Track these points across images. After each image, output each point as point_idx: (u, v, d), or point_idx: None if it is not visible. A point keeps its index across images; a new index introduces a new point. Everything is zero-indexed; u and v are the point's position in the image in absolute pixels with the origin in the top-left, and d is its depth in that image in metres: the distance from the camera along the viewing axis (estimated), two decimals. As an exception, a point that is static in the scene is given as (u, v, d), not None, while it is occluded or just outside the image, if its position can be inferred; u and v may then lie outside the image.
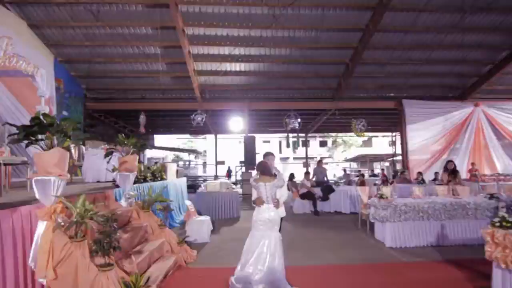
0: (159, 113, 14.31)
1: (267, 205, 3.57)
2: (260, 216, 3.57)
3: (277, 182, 3.58)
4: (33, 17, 8.59)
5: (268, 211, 3.53)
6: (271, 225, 3.53)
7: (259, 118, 15.01)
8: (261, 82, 11.60)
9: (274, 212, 3.55)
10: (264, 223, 3.56)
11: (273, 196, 3.58)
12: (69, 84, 10.82)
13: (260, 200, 3.59)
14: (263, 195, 3.59)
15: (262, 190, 3.57)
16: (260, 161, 3.87)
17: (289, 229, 6.76)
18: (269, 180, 3.55)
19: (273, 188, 3.57)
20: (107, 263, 2.82)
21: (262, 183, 3.55)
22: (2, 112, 7.24)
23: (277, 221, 3.58)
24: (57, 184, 2.82)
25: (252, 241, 3.54)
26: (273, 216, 3.53)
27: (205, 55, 10.23)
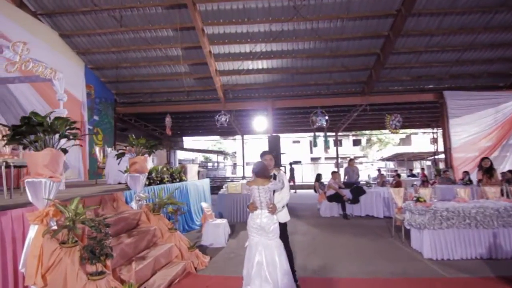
0: (185, 115, 14.51)
1: (260, 211, 3.16)
2: (252, 223, 3.17)
3: (272, 185, 3.15)
4: (63, 27, 9.04)
5: (260, 217, 3.12)
6: (264, 232, 3.11)
7: (285, 117, 14.57)
8: (284, 79, 11.15)
9: (267, 218, 3.11)
10: (256, 230, 3.16)
11: (269, 201, 3.16)
12: (100, 90, 11.29)
13: (252, 206, 3.21)
14: (256, 200, 3.18)
15: (255, 194, 3.17)
16: (256, 162, 3.47)
17: (313, 234, 6.25)
18: (262, 182, 3.13)
19: (267, 191, 3.13)
20: (98, 271, 2.62)
21: (255, 186, 3.15)
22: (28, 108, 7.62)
23: (273, 228, 3.14)
24: (49, 186, 2.69)
25: (250, 250, 3.17)
26: (265, 223, 3.09)
27: (226, 54, 10.05)
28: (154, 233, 4.05)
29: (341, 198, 7.92)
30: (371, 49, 9.56)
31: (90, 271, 2.60)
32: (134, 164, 4.43)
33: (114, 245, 3.23)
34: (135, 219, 4.07)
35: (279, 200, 3.34)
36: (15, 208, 2.66)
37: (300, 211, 9.38)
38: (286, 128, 17.20)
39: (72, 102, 9.65)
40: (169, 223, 4.46)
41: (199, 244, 5.51)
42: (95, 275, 2.57)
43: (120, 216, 3.75)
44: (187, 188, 7.17)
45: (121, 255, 3.24)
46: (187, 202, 7.00)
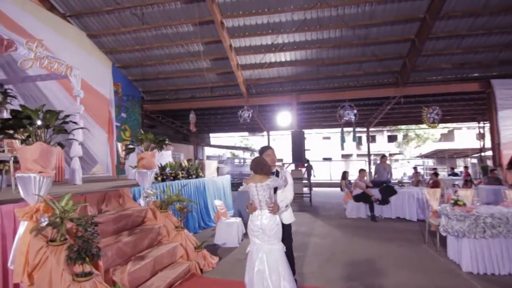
0: (211, 111, 14.53)
1: (259, 211, 2.82)
2: (252, 225, 2.84)
3: (271, 182, 2.79)
4: (90, 27, 9.37)
5: (260, 218, 2.78)
6: (266, 236, 2.76)
7: (311, 111, 13.95)
8: (309, 71, 10.58)
9: (268, 219, 2.77)
10: (256, 233, 2.81)
11: (269, 200, 2.80)
12: (127, 88, 11.63)
13: (252, 206, 2.88)
14: (255, 199, 2.84)
15: (253, 193, 2.83)
16: (255, 157, 3.12)
17: (334, 236, 5.76)
18: (260, 179, 2.78)
19: (266, 189, 2.77)
20: (85, 272, 2.48)
21: (253, 184, 2.80)
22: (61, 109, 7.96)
23: (275, 230, 2.79)
24: (39, 182, 2.60)
25: (251, 257, 2.85)
26: (266, 224, 2.75)
27: (247, 47, 9.76)
28: (158, 232, 3.90)
29: (369, 198, 7.29)
30: (404, 34, 8.66)
31: (77, 272, 2.47)
32: (142, 160, 4.32)
33: (111, 243, 3.12)
34: (140, 216, 3.95)
35: (282, 199, 3.00)
36: (6, 203, 2.60)
37: (324, 210, 8.86)
38: (312, 124, 16.54)
39: (100, 100, 10.05)
40: (177, 221, 4.30)
41: (212, 243, 5.34)
42: (80, 276, 2.43)
43: (122, 213, 3.64)
44: (205, 184, 7.03)
45: (118, 254, 3.10)
46: (204, 199, 6.87)
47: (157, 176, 5.33)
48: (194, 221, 6.26)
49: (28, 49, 4.27)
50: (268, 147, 3.25)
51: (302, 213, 8.48)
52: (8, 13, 6.83)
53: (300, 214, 8.20)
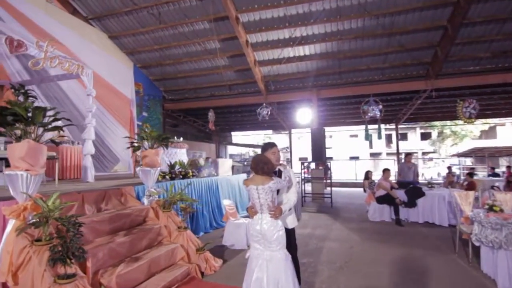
0: (231, 109, 14.44)
1: (260, 215, 2.57)
2: (252, 230, 2.59)
3: (274, 184, 2.51)
4: (111, 29, 9.62)
5: (260, 222, 2.53)
6: (267, 242, 2.50)
7: (332, 108, 13.33)
8: (330, 65, 10.06)
9: (269, 224, 2.50)
10: (257, 239, 2.56)
11: (271, 203, 2.53)
12: (148, 88, 11.87)
13: (251, 210, 2.63)
14: (255, 202, 2.58)
15: (253, 195, 2.57)
16: (255, 155, 2.84)
17: (352, 241, 5.33)
18: (262, 181, 2.52)
19: (268, 192, 2.51)
20: (67, 273, 2.38)
21: (253, 186, 2.55)
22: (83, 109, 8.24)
23: (276, 236, 2.50)
24: (26, 180, 2.55)
25: (251, 263, 2.59)
26: (266, 230, 2.50)
27: (264, 43, 9.47)
28: (159, 232, 3.78)
29: (393, 200, 6.71)
30: (435, 21, 7.88)
31: (60, 273, 2.38)
32: (145, 158, 4.23)
33: (104, 244, 3.02)
34: (141, 215, 3.86)
35: (285, 201, 2.73)
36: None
37: (345, 212, 8.36)
38: (334, 121, 15.84)
39: (121, 100, 10.33)
40: (180, 221, 4.16)
41: (220, 244, 5.16)
42: (62, 278, 2.33)
43: (120, 212, 3.56)
44: (218, 183, 6.89)
45: (111, 255, 3.00)
46: (216, 198, 6.73)
47: (165, 175, 5.25)
48: (205, 220, 6.14)
49: (39, 49, 4.34)
50: (272, 144, 2.94)
51: (320, 214, 8.06)
52: (32, 18, 7.14)
53: (318, 216, 7.79)
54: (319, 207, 9.26)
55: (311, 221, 7.08)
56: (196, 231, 5.72)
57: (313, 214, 8.06)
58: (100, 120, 9.28)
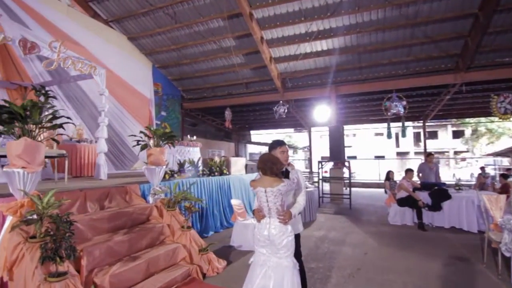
0: (249, 108, 14.35)
1: (268, 219, 2.40)
2: (259, 235, 2.41)
3: (284, 187, 2.33)
4: (130, 31, 9.86)
5: (268, 227, 2.36)
6: (274, 248, 2.33)
7: (353, 104, 12.79)
8: (349, 60, 9.61)
9: (278, 229, 2.33)
10: (263, 244, 2.39)
11: (280, 207, 2.36)
12: (167, 87, 12.08)
13: (259, 214, 2.46)
14: (263, 206, 2.41)
15: (261, 199, 2.41)
16: (262, 154, 2.64)
17: (368, 246, 5.00)
18: (271, 183, 2.34)
19: (278, 195, 2.34)
20: (58, 272, 2.37)
21: (261, 188, 2.37)
22: None
23: (286, 242, 2.33)
24: (23, 177, 2.58)
25: (254, 270, 2.43)
26: (275, 235, 2.32)
27: (279, 39, 9.24)
28: (161, 231, 3.73)
29: (416, 202, 6.24)
30: (464, 8, 7.23)
31: (52, 271, 2.37)
32: (150, 156, 4.22)
33: (101, 242, 3.01)
34: (144, 214, 3.84)
35: (290, 204, 2.55)
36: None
37: (364, 214, 7.95)
38: (354, 118, 15.23)
39: (140, 99, 10.58)
40: (184, 220, 4.10)
41: (227, 244, 5.07)
42: (52, 276, 2.32)
43: (121, 211, 3.56)
44: (229, 182, 6.80)
45: (109, 253, 2.98)
46: (228, 197, 6.64)
47: (174, 173, 5.23)
48: (216, 220, 6.07)
49: (52, 50, 4.47)
50: (281, 142, 2.74)
51: (337, 216, 7.72)
52: (54, 22, 7.46)
53: (335, 218, 7.46)
54: (336, 208, 8.90)
55: (327, 223, 6.79)
56: (205, 230, 5.68)
57: (330, 216, 7.74)
58: (120, 119, 9.57)
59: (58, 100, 7.29)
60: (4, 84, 6.23)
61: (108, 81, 8.88)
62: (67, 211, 3.15)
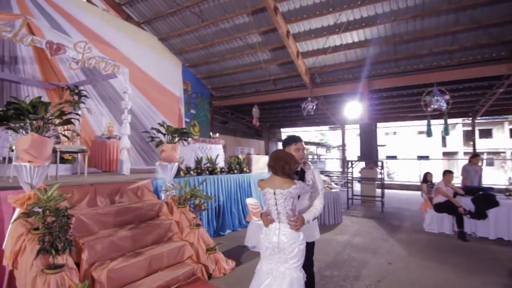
0: (278, 105, 14.10)
1: (277, 224, 2.18)
2: (266, 241, 2.20)
3: (295, 189, 2.11)
4: (160, 31, 10.18)
5: (278, 233, 2.15)
6: (283, 256, 2.12)
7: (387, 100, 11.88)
8: (384, 52, 8.89)
9: (288, 237, 2.12)
10: (272, 251, 2.18)
11: (290, 211, 2.14)
12: (196, 86, 12.32)
13: (266, 218, 2.24)
14: (272, 209, 2.20)
15: (270, 201, 2.20)
16: (275, 150, 2.40)
17: (394, 255, 4.53)
18: (281, 184, 2.12)
19: (288, 198, 2.11)
20: (55, 264, 2.42)
21: (270, 190, 2.17)
22: (134, 107, 8.88)
23: (297, 252, 2.12)
24: (30, 171, 2.69)
25: (258, 279, 2.24)
26: (285, 243, 2.11)
27: (306, 32, 8.86)
28: (169, 228, 3.71)
29: (456, 209, 5.54)
30: (522, -14, 6.25)
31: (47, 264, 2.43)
32: (162, 153, 4.23)
33: (104, 236, 3.05)
34: (153, 210, 3.85)
35: (305, 208, 2.32)
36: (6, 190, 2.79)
37: (397, 219, 7.31)
38: (389, 115, 14.13)
39: (170, 98, 10.89)
40: (195, 218, 4.04)
41: (242, 244, 4.94)
42: (49, 268, 2.37)
43: (129, 206, 3.60)
44: (250, 180, 6.67)
45: (112, 248, 3.01)
46: (248, 196, 6.51)
47: (190, 170, 5.23)
48: (234, 218, 5.98)
49: (76, 51, 4.70)
50: (296, 138, 2.47)
51: (366, 220, 7.19)
52: (90, 26, 7.93)
53: (363, 222, 6.95)
54: (366, 211, 8.31)
55: (353, 227, 6.34)
56: (222, 228, 5.62)
57: (357, 219, 7.24)
58: (151, 117, 9.93)
59: (92, 99, 7.77)
60: (44, 85, 6.77)
61: (139, 81, 9.33)
62: (77, 204, 3.26)
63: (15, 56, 6.33)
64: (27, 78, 6.53)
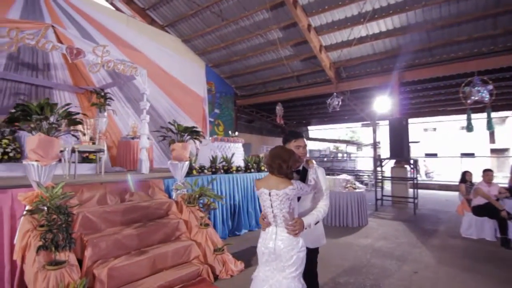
0: (303, 102, 13.73)
1: (274, 228, 2.04)
2: (263, 246, 2.06)
3: (292, 190, 1.94)
4: (183, 33, 10.38)
5: (274, 238, 2.00)
6: (280, 263, 1.97)
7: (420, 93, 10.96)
8: (415, 40, 8.17)
9: (286, 242, 1.96)
10: (268, 257, 2.03)
11: (287, 214, 1.98)
12: (220, 85, 12.41)
13: (263, 221, 2.11)
14: (268, 211, 2.05)
15: (265, 203, 2.05)
16: (274, 147, 2.21)
17: (422, 264, 4.10)
18: (277, 184, 1.96)
19: (285, 199, 1.95)
20: (56, 260, 2.48)
21: (265, 190, 2.01)
22: (159, 108, 9.16)
23: (295, 259, 1.95)
24: (37, 169, 2.80)
25: (255, 285, 2.11)
26: (282, 249, 1.95)
27: (329, 24, 8.45)
28: (176, 227, 3.69)
29: (497, 212, 4.90)
30: None
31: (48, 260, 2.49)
32: (173, 151, 4.24)
33: (109, 234, 3.09)
34: (162, 209, 3.86)
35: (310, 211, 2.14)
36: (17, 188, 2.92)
37: (431, 222, 6.69)
38: (423, 110, 13.01)
39: (194, 99, 11.06)
40: (204, 218, 3.99)
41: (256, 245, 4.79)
42: (50, 265, 2.44)
43: (137, 204, 3.63)
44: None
45: (117, 246, 3.04)
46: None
47: (204, 168, 5.21)
48: (251, 218, 5.86)
49: (95, 55, 4.89)
50: (297, 134, 2.28)
51: (395, 222, 6.67)
52: (115, 31, 8.29)
53: (391, 224, 6.46)
54: (397, 213, 7.73)
55: (379, 230, 5.91)
56: (238, 228, 5.53)
57: (385, 221, 6.75)
58: (175, 118, 10.05)
59: (118, 101, 8.12)
60: (74, 89, 7.20)
61: (164, 83, 9.58)
62: (86, 202, 3.36)
63: (48, 63, 6.80)
64: (59, 83, 6.98)
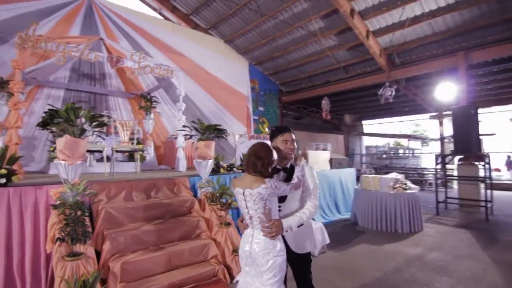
0: (355, 94, 12.78)
1: (251, 231, 1.92)
2: (240, 250, 1.96)
3: (264, 189, 1.79)
4: (225, 34, 10.56)
5: (251, 241, 1.88)
6: (257, 268, 1.82)
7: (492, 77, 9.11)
8: (484, 13, 6.81)
9: (261, 245, 1.82)
10: (246, 261, 1.91)
11: (263, 216, 1.83)
12: (264, 83, 12.32)
13: (241, 223, 2.03)
14: (243, 212, 1.95)
15: (240, 203, 1.95)
16: (253, 144, 2.04)
17: (481, 283, 3.36)
18: (250, 184, 1.84)
19: (258, 200, 1.81)
20: (74, 252, 2.68)
21: (239, 190, 1.91)
22: (204, 109, 9.51)
23: (271, 264, 1.79)
24: (65, 168, 3.08)
25: None
26: (257, 252, 1.82)
27: (376, 6, 7.61)
28: (197, 225, 3.70)
29: None
30: None
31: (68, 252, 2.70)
32: (197, 150, 4.28)
33: (129, 229, 3.24)
34: (184, 206, 3.91)
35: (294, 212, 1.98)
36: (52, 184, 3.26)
37: (507, 232, 5.52)
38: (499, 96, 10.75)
39: (238, 98, 11.20)
40: (226, 216, 3.93)
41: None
42: (68, 256, 2.64)
43: (159, 201, 3.74)
44: (305, 178, 6.15)
45: (134, 241, 3.16)
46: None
47: (233, 167, 5.17)
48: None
49: (133, 61, 5.26)
50: (284, 129, 2.13)
51: (459, 230, 5.67)
52: (161, 38, 8.86)
53: (453, 232, 5.51)
54: (463, 218, 6.59)
55: (434, 238, 5.08)
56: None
57: (445, 228, 5.78)
58: (220, 117, 10.43)
59: (165, 103, 8.65)
60: (126, 95, 7.91)
61: (208, 84, 9.92)
62: (114, 199, 3.59)
63: (103, 73, 7.59)
64: (113, 90, 7.74)
